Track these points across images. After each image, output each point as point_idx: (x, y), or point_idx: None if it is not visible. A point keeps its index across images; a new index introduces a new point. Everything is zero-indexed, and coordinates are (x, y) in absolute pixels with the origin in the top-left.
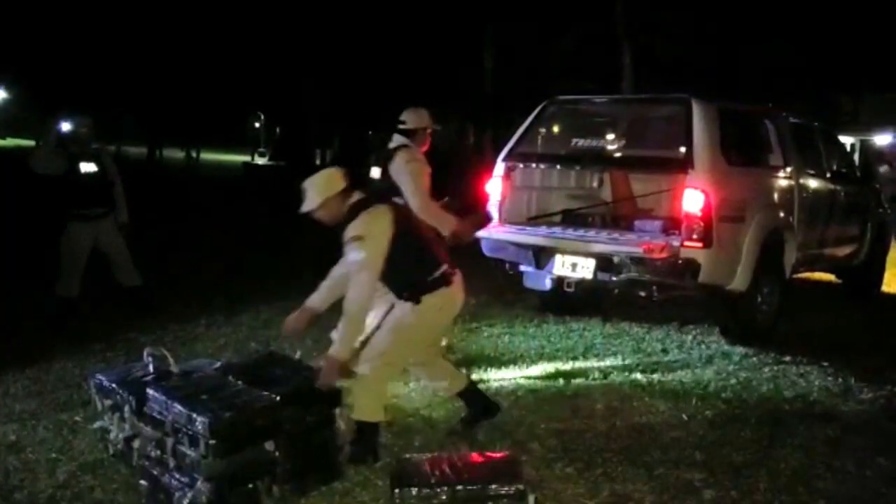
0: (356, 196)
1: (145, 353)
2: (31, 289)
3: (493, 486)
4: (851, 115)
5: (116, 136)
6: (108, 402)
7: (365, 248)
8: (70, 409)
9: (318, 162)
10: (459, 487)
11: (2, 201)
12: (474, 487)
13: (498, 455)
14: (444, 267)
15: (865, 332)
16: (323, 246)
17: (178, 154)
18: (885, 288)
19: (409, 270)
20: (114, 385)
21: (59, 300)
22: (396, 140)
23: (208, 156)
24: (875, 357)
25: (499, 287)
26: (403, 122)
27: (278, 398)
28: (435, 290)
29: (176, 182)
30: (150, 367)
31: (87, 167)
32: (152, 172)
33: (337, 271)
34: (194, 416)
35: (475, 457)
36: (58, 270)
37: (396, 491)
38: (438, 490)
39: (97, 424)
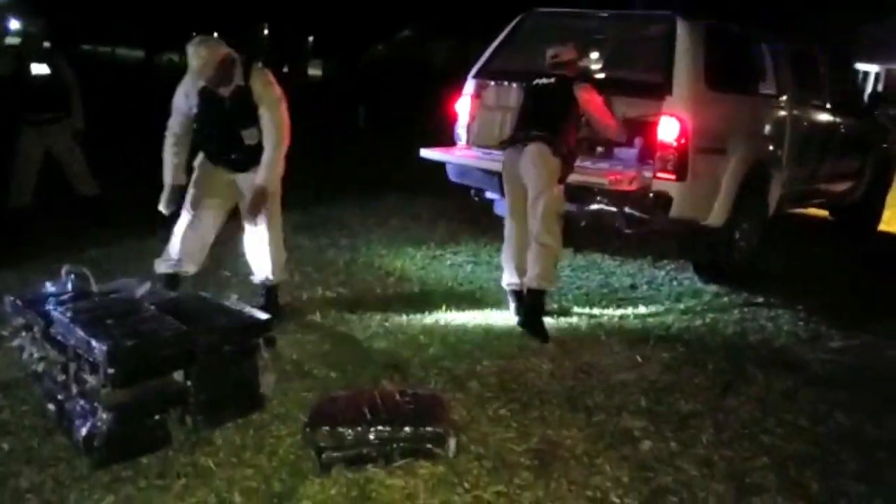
0: None
1: (63, 271)
2: None
3: (408, 429)
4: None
5: (112, 38)
6: (20, 321)
7: None
8: None
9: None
10: (373, 428)
11: None
12: (389, 428)
13: (423, 394)
14: None
15: (850, 274)
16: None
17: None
18: (884, 227)
19: None
20: (25, 304)
21: (12, 211)
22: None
23: None
24: (855, 302)
25: (471, 214)
26: (556, 56)
27: (186, 327)
28: None
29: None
30: (69, 286)
31: (38, 69)
32: (146, 77)
33: None
34: (93, 342)
35: (399, 395)
36: (9, 179)
37: (307, 430)
38: (350, 430)
39: (16, 342)
